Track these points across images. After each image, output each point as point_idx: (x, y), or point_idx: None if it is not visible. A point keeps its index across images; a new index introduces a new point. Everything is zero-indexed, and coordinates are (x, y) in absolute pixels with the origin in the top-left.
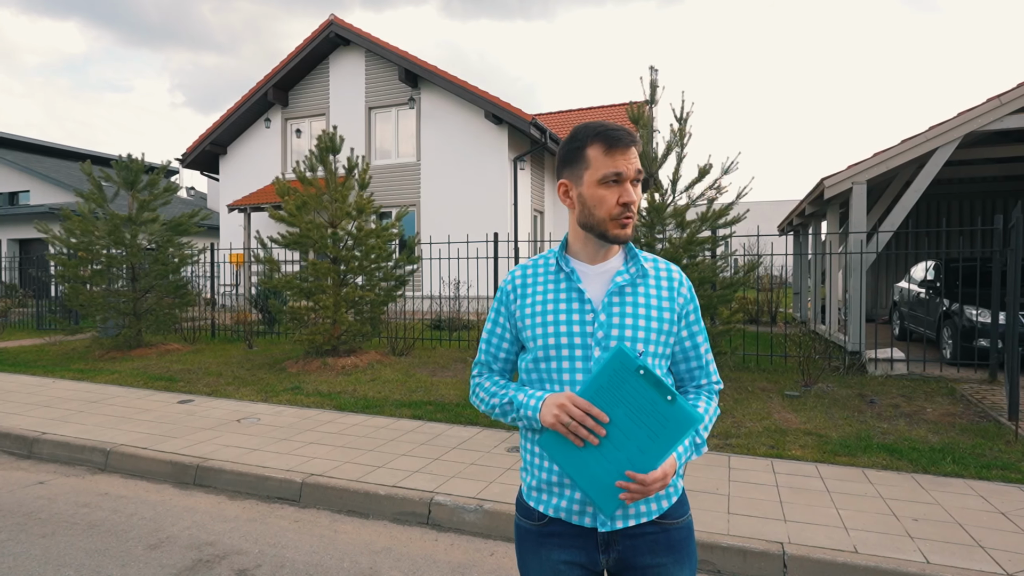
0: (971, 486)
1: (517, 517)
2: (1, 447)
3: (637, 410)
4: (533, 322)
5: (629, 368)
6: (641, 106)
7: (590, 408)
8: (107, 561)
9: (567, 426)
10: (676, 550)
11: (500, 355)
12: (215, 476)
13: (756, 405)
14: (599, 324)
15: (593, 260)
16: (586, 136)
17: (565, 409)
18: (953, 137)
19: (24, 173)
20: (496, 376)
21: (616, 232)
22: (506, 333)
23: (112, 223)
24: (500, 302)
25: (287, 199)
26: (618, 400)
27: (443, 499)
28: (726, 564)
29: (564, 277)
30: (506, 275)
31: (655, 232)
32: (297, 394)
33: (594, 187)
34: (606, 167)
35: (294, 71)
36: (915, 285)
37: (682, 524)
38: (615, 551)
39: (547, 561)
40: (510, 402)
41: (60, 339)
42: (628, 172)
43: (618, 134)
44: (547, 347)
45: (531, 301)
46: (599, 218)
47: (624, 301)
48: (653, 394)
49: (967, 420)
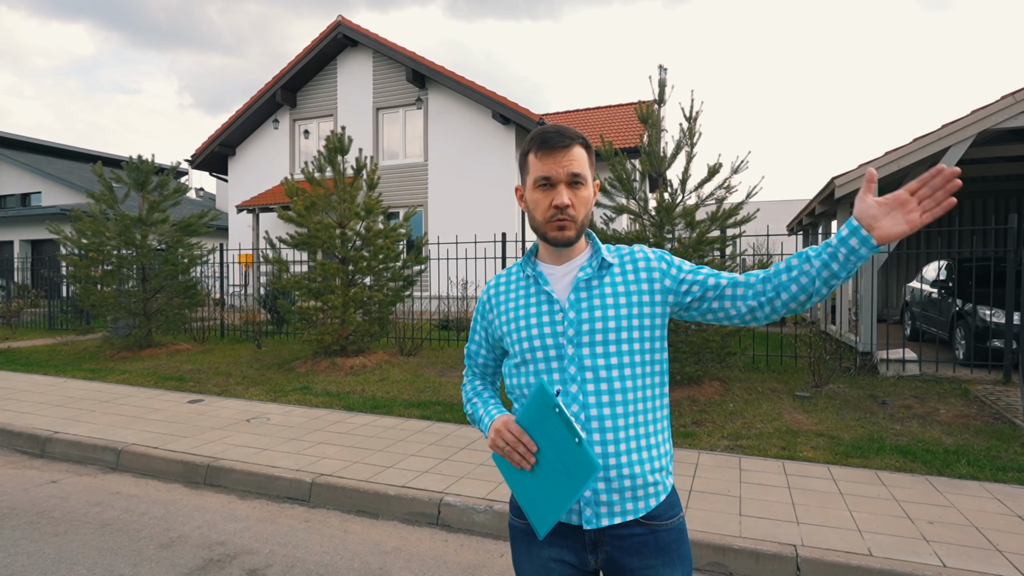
0: (987, 488)
1: (510, 516)
2: (14, 446)
3: (557, 445)
4: (510, 328)
5: (548, 404)
6: (650, 105)
7: (521, 436)
8: (119, 560)
9: (502, 450)
10: (665, 552)
11: (480, 361)
12: (225, 476)
13: (767, 406)
14: (569, 322)
15: (559, 261)
16: (529, 141)
17: (500, 435)
18: (966, 135)
19: (36, 175)
20: (478, 380)
21: (553, 235)
22: (483, 342)
23: (123, 224)
24: (479, 312)
25: (296, 199)
26: (543, 432)
27: (453, 500)
28: (738, 566)
29: (533, 281)
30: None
31: (664, 232)
32: (306, 394)
33: (532, 191)
34: (537, 171)
35: (302, 72)
36: (927, 285)
37: (672, 526)
38: (603, 551)
39: (538, 559)
40: (474, 414)
41: (72, 339)
42: (558, 175)
43: (548, 137)
44: (524, 351)
45: (505, 309)
46: (538, 221)
47: (591, 295)
48: (565, 433)
49: (981, 422)
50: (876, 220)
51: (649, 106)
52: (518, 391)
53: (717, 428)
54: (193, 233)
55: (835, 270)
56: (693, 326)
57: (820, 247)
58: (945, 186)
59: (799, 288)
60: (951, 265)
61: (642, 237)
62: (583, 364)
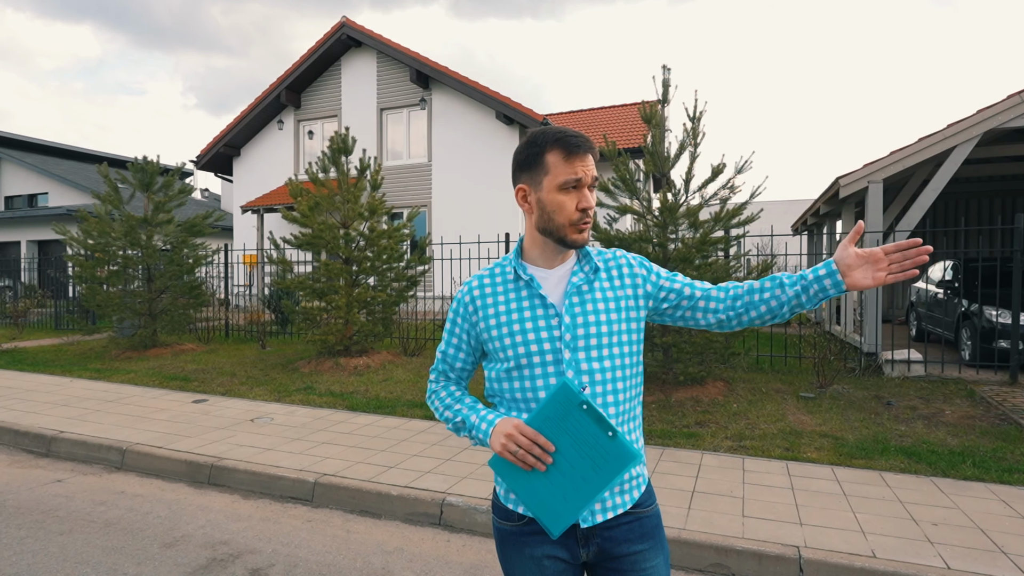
0: (992, 490)
1: (495, 520)
2: (20, 445)
3: (581, 442)
4: (500, 333)
5: (573, 402)
6: (653, 105)
7: (537, 437)
8: (123, 559)
9: (514, 454)
10: (651, 536)
11: (456, 365)
12: (229, 475)
13: (770, 407)
14: (565, 327)
15: (550, 264)
16: (545, 142)
17: (513, 438)
18: (972, 135)
19: (43, 175)
20: (452, 386)
21: (574, 237)
22: (463, 345)
23: (128, 224)
24: (457, 313)
25: (300, 200)
26: (563, 431)
27: (455, 500)
28: (741, 567)
29: (524, 285)
30: (462, 286)
31: (668, 232)
32: (310, 394)
33: (553, 193)
34: (566, 173)
35: (306, 73)
36: (933, 285)
37: (651, 512)
38: (594, 544)
39: (531, 557)
40: (463, 421)
41: (77, 339)
42: (586, 178)
43: (577, 140)
44: (519, 357)
45: (494, 312)
46: (558, 223)
47: (584, 299)
48: (595, 429)
49: (987, 423)
50: (851, 269)
51: (653, 106)
52: (509, 395)
53: (720, 428)
54: (198, 233)
55: (803, 301)
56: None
57: (795, 277)
58: (915, 257)
59: (767, 309)
60: (957, 265)
61: (645, 237)
62: (580, 368)
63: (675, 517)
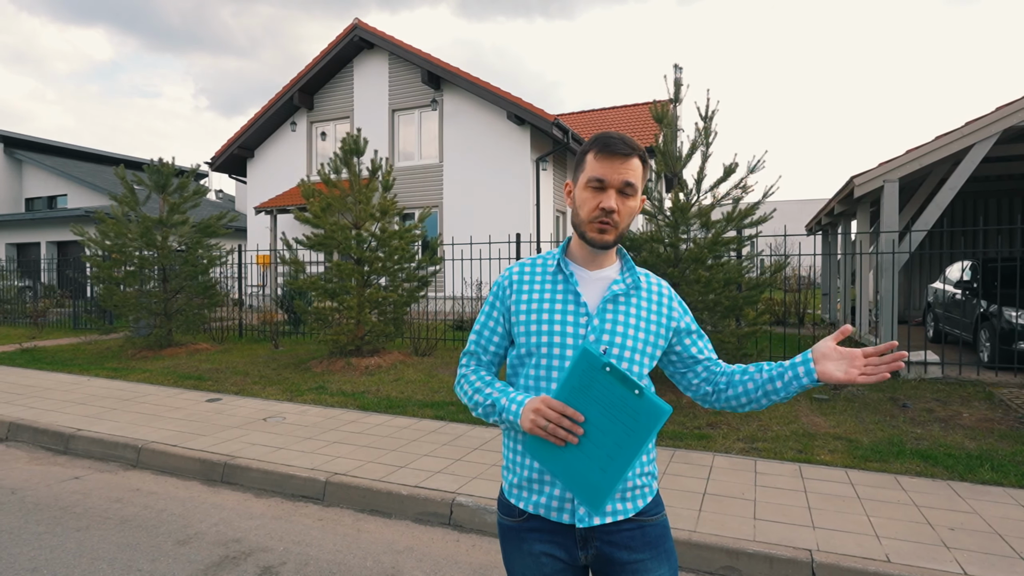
0: (1011, 495)
1: (499, 515)
2: (39, 443)
3: (609, 406)
4: (527, 318)
5: (596, 366)
6: (665, 105)
7: (564, 409)
8: (138, 555)
9: (544, 429)
10: (653, 546)
11: (490, 348)
12: (242, 474)
13: (783, 408)
14: (592, 328)
15: (590, 266)
16: (591, 141)
17: (541, 412)
18: (990, 133)
19: (61, 177)
20: (483, 370)
21: (592, 235)
22: (498, 327)
23: (144, 225)
24: (496, 296)
25: (312, 201)
26: (591, 399)
27: (465, 500)
28: (752, 571)
29: (563, 279)
30: (503, 271)
31: (679, 232)
32: (322, 393)
33: (582, 189)
34: (592, 171)
35: (319, 75)
36: (951, 286)
37: (657, 521)
38: (593, 547)
39: (529, 554)
40: (492, 404)
41: (95, 338)
42: (612, 180)
43: (612, 142)
44: (537, 343)
45: (527, 298)
46: (581, 219)
47: (618, 309)
48: (621, 389)
49: (1006, 426)
50: (826, 359)
51: (664, 105)
52: (523, 381)
53: (732, 430)
54: (212, 234)
55: (777, 387)
56: (708, 326)
57: (774, 365)
58: (891, 363)
59: (744, 391)
60: (975, 265)
61: (657, 238)
62: None
63: (686, 519)
